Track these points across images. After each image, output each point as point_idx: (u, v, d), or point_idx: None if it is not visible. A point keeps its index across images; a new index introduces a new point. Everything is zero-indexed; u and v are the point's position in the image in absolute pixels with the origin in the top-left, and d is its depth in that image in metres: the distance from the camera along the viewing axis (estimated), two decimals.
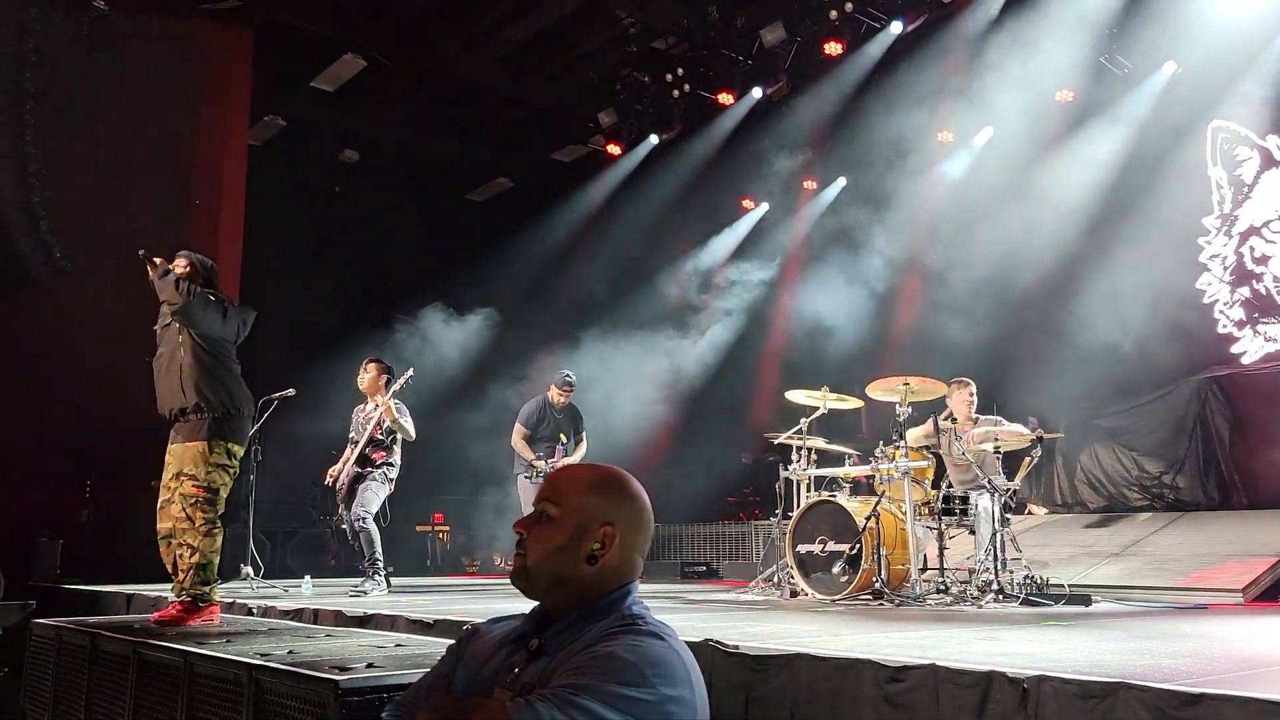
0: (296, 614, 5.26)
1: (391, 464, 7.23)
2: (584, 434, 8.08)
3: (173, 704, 3.56)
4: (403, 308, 14.04)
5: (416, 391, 12.98)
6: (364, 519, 6.99)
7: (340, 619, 4.98)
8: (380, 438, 7.14)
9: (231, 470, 4.86)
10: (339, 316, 13.56)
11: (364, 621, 4.82)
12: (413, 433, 7.21)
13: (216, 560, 4.82)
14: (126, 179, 8.91)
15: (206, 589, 4.79)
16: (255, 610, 5.59)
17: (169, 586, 5.01)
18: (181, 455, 4.78)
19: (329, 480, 7.29)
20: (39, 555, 8.39)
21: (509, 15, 10.36)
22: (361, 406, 7.35)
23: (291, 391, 7.53)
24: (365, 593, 6.70)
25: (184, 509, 4.75)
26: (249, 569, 7.49)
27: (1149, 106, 9.46)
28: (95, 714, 4.19)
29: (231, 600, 5.92)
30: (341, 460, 7.21)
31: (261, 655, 3.32)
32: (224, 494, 4.86)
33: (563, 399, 7.96)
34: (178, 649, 3.66)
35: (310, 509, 9.68)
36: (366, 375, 7.29)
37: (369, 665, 2.96)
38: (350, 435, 7.30)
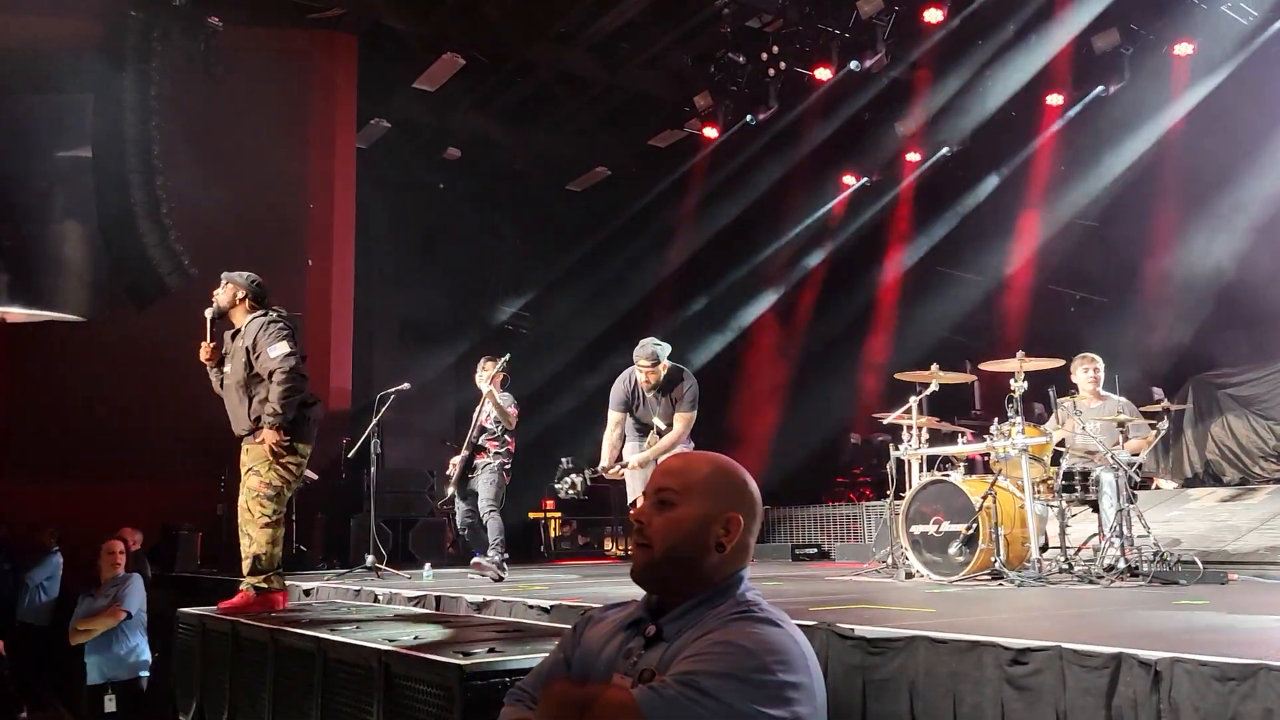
0: (419, 600, 5.44)
1: (503, 453, 7.35)
2: (688, 413, 6.30)
3: (309, 687, 3.73)
4: (508, 299, 14.34)
5: (526, 380, 13.25)
6: (490, 510, 7.10)
7: (461, 604, 5.12)
8: (490, 427, 7.30)
9: (297, 467, 5.02)
10: (448, 311, 13.93)
11: (483, 607, 4.95)
12: (512, 421, 7.33)
13: (275, 552, 4.99)
14: (245, 186, 9.32)
15: (264, 578, 4.98)
16: (381, 597, 5.80)
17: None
18: (254, 453, 4.98)
19: (450, 469, 7.50)
20: (181, 547, 8.89)
21: (601, 4, 10.40)
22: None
23: (406, 386, 7.76)
24: (484, 572, 6.82)
25: (246, 501, 4.96)
26: (372, 557, 7.75)
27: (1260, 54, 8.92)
28: (239, 697, 4.43)
29: (359, 588, 6.16)
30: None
31: (389, 640, 3.44)
32: (287, 492, 5.03)
33: (650, 377, 6.22)
34: (312, 635, 3.83)
35: (428, 498, 9.98)
36: (482, 372, 7.43)
37: (491, 649, 3.04)
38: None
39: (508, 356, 7.45)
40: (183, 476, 9.13)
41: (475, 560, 6.95)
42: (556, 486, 6.62)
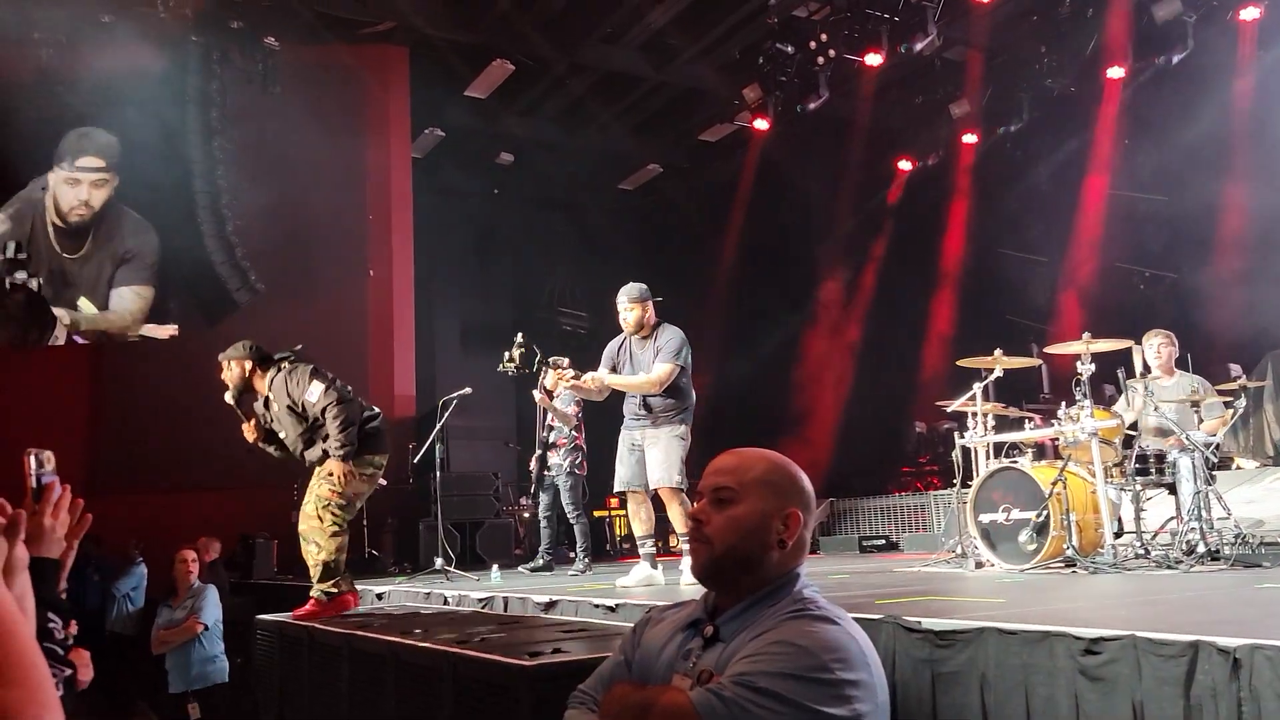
0: (487, 601, 5.50)
1: (572, 449, 7.48)
2: (668, 363, 5.48)
3: (383, 689, 3.82)
4: (566, 300, 14.43)
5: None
6: (574, 515, 7.46)
7: (527, 605, 5.17)
8: (557, 425, 7.47)
9: (369, 477, 5.10)
10: (508, 313, 14.07)
11: (550, 607, 4.99)
12: (571, 420, 7.46)
13: (341, 559, 5.08)
14: (305, 201, 9.53)
15: (333, 584, 5.08)
16: (450, 599, 5.88)
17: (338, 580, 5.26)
18: (328, 463, 5.07)
19: (532, 467, 7.73)
20: (257, 555, 9.13)
21: (647, 2, 10.41)
22: None
23: (468, 390, 7.87)
24: (580, 571, 7.17)
25: (316, 509, 5.03)
26: (441, 560, 7.87)
27: None
28: (316, 699, 4.54)
29: (429, 591, 6.26)
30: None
31: (458, 643, 3.50)
32: (358, 503, 5.12)
33: (632, 317, 5.62)
34: (385, 639, 3.92)
35: (494, 500, 10.09)
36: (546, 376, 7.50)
37: (555, 650, 3.08)
38: None
39: (551, 360, 7.54)
40: (258, 487, 9.37)
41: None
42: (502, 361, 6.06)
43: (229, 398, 5.27)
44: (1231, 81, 9.37)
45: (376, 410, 5.29)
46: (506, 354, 5.94)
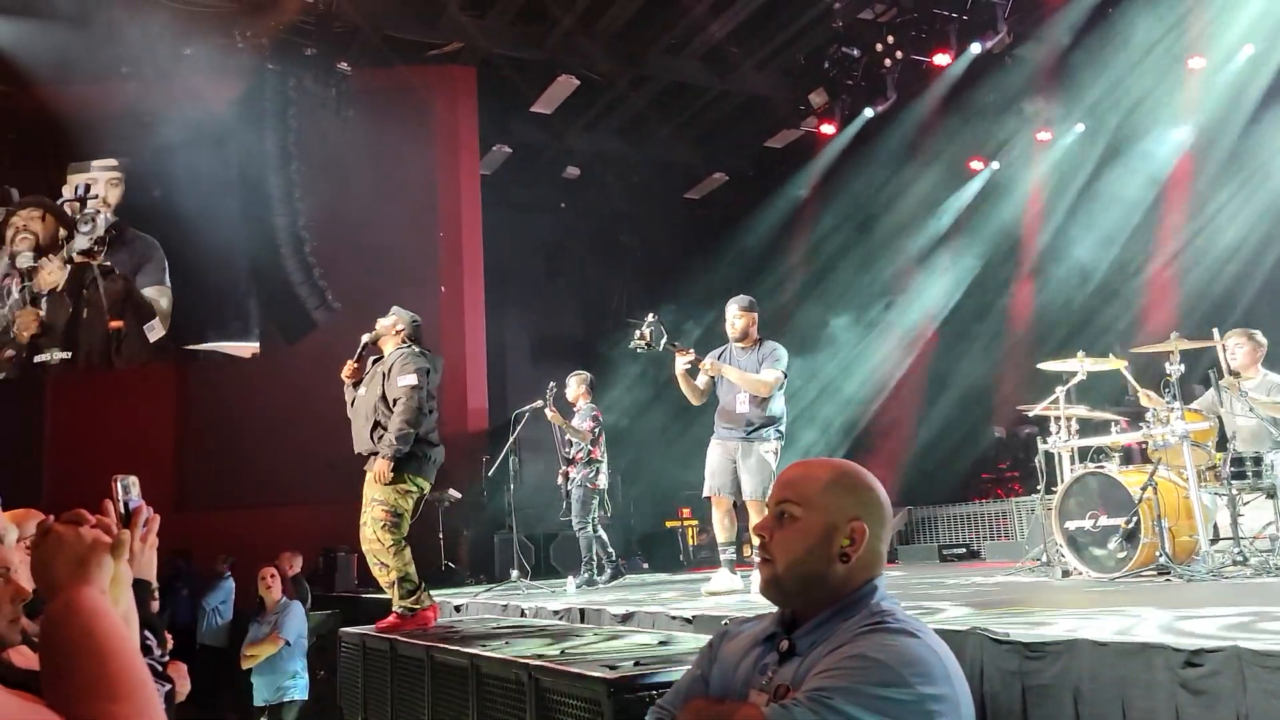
0: (564, 613, 5.52)
1: (587, 465, 7.60)
2: (775, 370, 5.74)
3: (465, 701, 3.84)
4: (635, 312, 14.45)
5: (655, 391, 13.31)
6: (580, 527, 7.59)
7: (605, 617, 5.17)
8: (575, 441, 7.56)
9: (409, 494, 5.15)
10: (578, 326, 14.17)
11: (627, 619, 4.99)
12: (585, 435, 7.60)
13: (412, 570, 5.16)
14: (380, 220, 9.74)
15: (413, 599, 5.15)
16: (527, 611, 5.91)
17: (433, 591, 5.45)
18: (372, 484, 5.15)
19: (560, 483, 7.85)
20: (338, 568, 9.31)
21: (710, 10, 10.40)
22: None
23: (540, 403, 7.92)
24: (594, 583, 7.40)
25: (374, 531, 5.12)
26: (516, 572, 7.95)
27: None
28: (400, 711, 4.60)
29: (505, 603, 6.31)
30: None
31: (538, 655, 3.51)
32: (408, 517, 5.17)
33: (739, 323, 5.88)
34: (465, 652, 3.95)
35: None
36: (567, 390, 7.80)
37: (636, 663, 3.07)
38: None
39: (584, 375, 7.85)
40: (339, 500, 9.57)
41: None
42: (634, 340, 6.05)
43: (366, 337, 5.40)
44: None
45: (440, 443, 5.35)
46: (637, 332, 5.99)
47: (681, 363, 5.84)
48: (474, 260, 10.97)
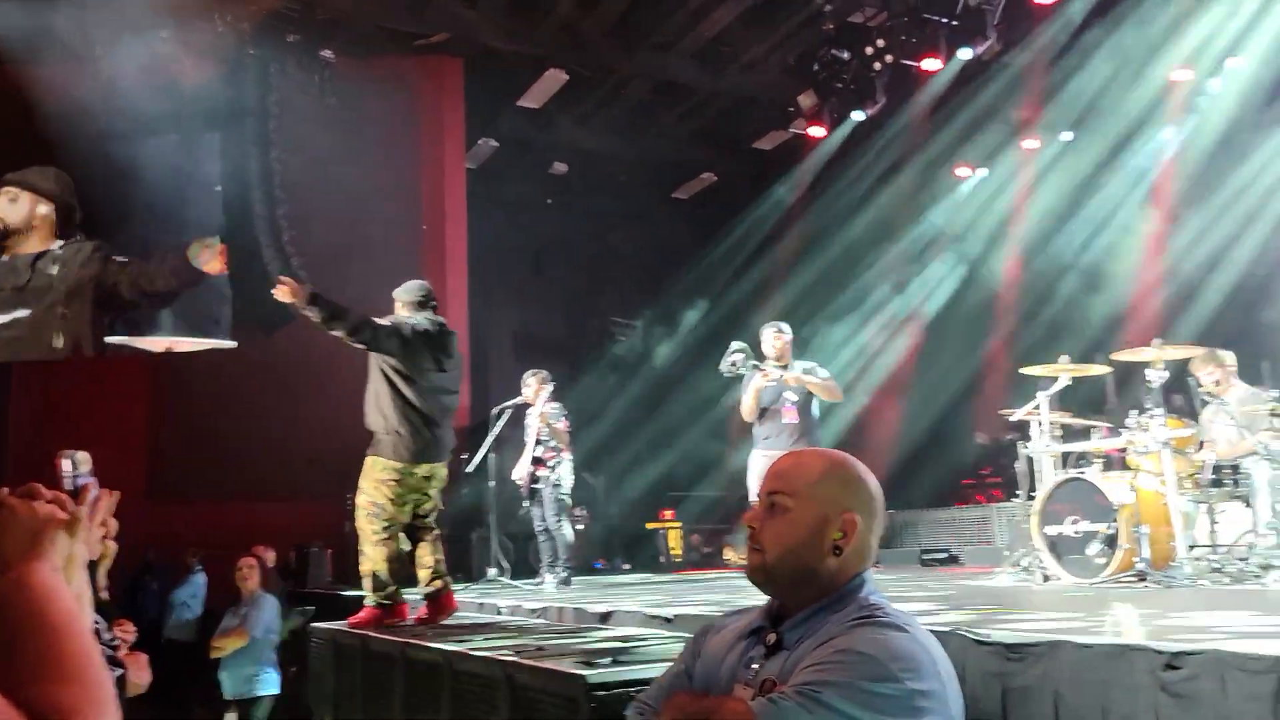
0: (542, 611, 5.47)
1: (560, 462, 7.59)
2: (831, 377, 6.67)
3: (438, 699, 3.78)
4: (621, 310, 14.42)
5: (637, 390, 13.26)
6: (557, 524, 7.55)
7: (582, 615, 5.12)
8: (545, 439, 7.52)
9: (393, 484, 4.93)
10: (562, 324, 14.11)
11: (606, 618, 4.94)
12: (563, 436, 7.61)
13: (387, 568, 4.94)
14: (361, 212, 9.64)
15: (384, 594, 4.97)
16: (504, 609, 5.86)
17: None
18: (363, 471, 5.04)
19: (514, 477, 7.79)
20: (312, 564, 9.21)
21: (701, 10, 10.38)
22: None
23: (520, 399, 7.87)
24: (557, 584, 7.35)
25: (360, 516, 5.02)
26: (494, 570, 7.91)
27: None
28: (371, 709, 4.53)
29: (482, 601, 6.24)
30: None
31: (514, 652, 3.46)
32: (390, 509, 4.94)
33: (778, 343, 6.60)
34: (438, 648, 3.89)
35: None
36: (525, 388, 7.74)
37: (614, 661, 3.03)
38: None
39: (545, 374, 7.79)
40: (314, 495, 9.47)
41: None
42: (725, 364, 6.57)
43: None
44: None
45: (436, 424, 5.10)
46: (728, 359, 6.49)
47: (760, 381, 6.39)
48: (457, 254, 10.88)
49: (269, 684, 6.62)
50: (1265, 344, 7.33)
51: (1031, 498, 6.10)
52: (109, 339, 9.79)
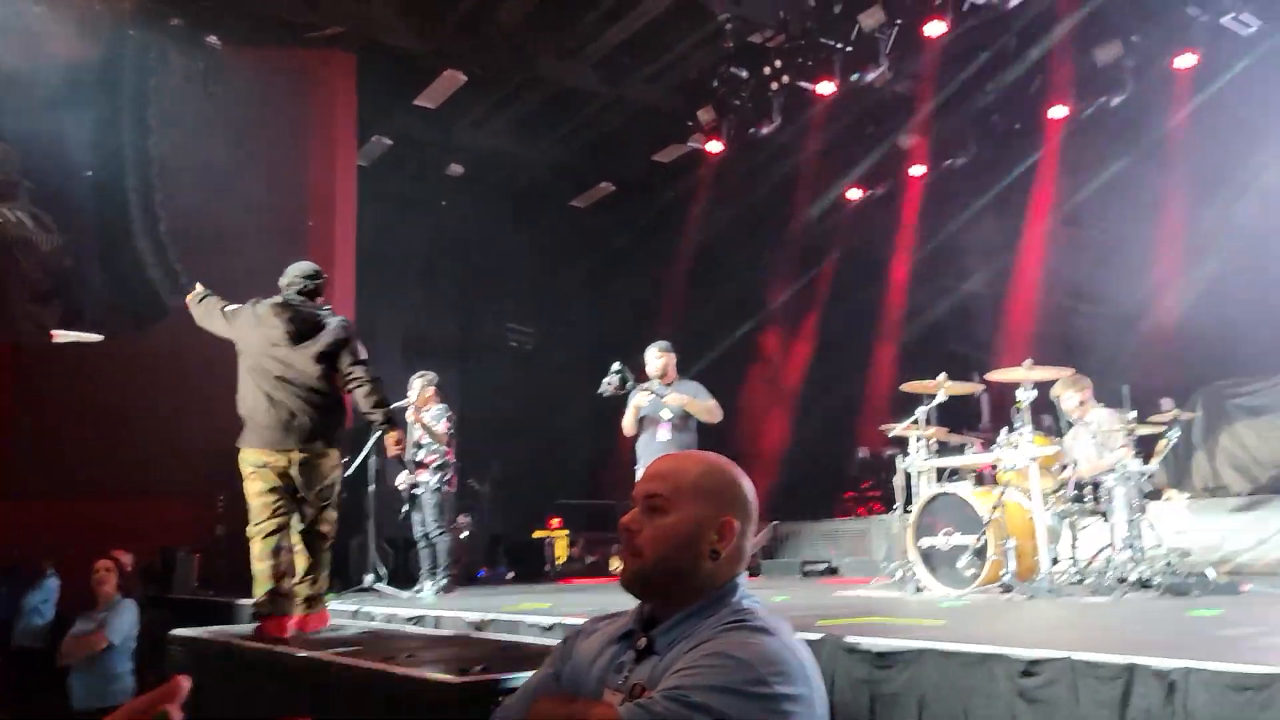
0: (419, 619, 5.37)
1: (442, 467, 7.56)
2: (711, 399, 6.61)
3: (305, 706, 3.66)
4: (513, 316, 14.30)
5: (529, 396, 13.14)
6: (438, 532, 7.52)
7: (460, 624, 5.05)
8: (425, 443, 7.45)
9: (259, 476, 4.71)
10: (453, 328, 13.88)
11: (482, 626, 4.88)
12: (442, 438, 7.57)
13: (264, 567, 4.63)
14: (243, 204, 9.28)
15: (265, 597, 4.62)
16: (379, 617, 5.73)
17: None
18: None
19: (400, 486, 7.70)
20: (178, 568, 8.79)
21: (604, 19, 10.39)
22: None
23: (405, 402, 7.71)
24: (420, 590, 7.34)
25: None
26: (371, 577, 7.72)
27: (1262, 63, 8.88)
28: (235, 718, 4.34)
29: (356, 608, 6.08)
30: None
31: (385, 659, 3.39)
32: (255, 502, 4.71)
33: (660, 364, 6.70)
34: (308, 656, 3.78)
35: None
36: (410, 390, 7.72)
37: (485, 668, 2.98)
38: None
39: (432, 376, 7.81)
40: (181, 497, 9.06)
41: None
42: (604, 386, 6.76)
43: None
44: (1167, 124, 9.66)
45: (264, 404, 4.85)
46: (606, 382, 6.70)
47: (641, 399, 6.56)
48: (345, 252, 10.57)
49: (125, 693, 6.27)
50: (1127, 370, 7.73)
51: (908, 511, 6.29)
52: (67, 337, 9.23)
